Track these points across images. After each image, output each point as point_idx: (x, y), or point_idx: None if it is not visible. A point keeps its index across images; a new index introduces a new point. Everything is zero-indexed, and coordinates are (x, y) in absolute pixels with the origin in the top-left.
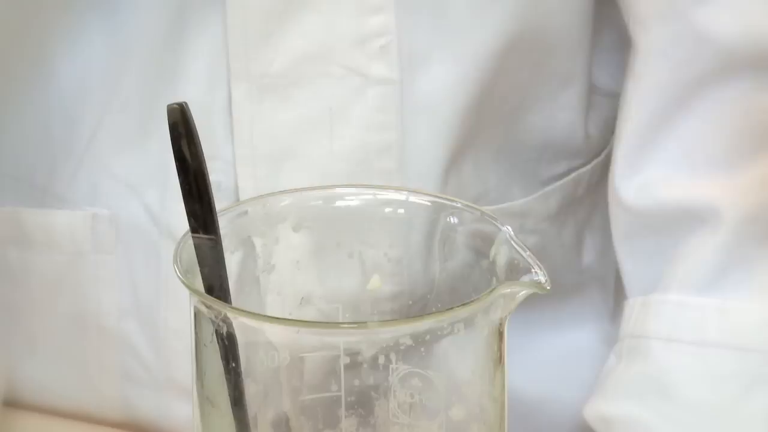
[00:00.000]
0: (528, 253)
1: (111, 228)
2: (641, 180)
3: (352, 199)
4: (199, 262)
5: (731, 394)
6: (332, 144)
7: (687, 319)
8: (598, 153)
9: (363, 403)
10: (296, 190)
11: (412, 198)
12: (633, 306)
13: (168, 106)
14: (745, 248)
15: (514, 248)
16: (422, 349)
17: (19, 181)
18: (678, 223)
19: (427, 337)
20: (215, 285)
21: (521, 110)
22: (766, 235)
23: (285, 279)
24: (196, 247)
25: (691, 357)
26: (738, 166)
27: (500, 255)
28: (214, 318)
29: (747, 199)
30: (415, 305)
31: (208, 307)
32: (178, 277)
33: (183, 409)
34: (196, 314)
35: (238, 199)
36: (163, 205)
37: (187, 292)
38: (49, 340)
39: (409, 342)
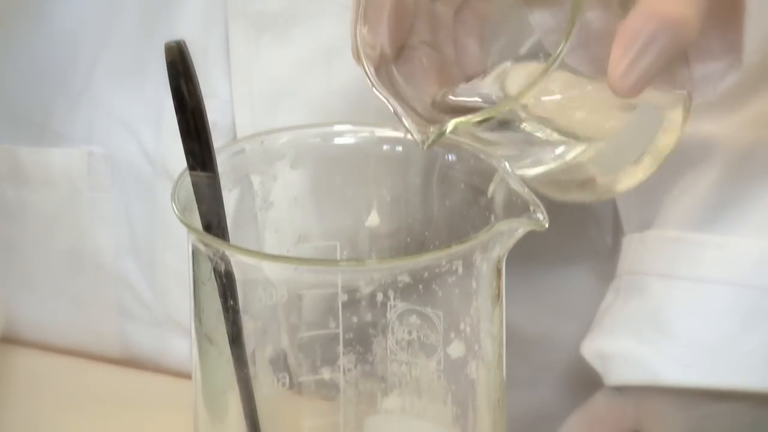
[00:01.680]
0: (526, 189)
1: (107, 166)
2: None
3: (350, 137)
4: (197, 200)
5: (728, 330)
6: (330, 82)
7: (684, 255)
8: None
9: (361, 340)
10: (294, 127)
11: (410, 136)
12: (630, 242)
13: (166, 44)
14: (742, 184)
15: (513, 185)
16: (420, 286)
17: (17, 119)
18: (675, 159)
19: (425, 274)
20: (213, 222)
21: None
22: (763, 172)
23: (283, 216)
24: (194, 185)
25: (688, 293)
26: (735, 103)
27: (498, 192)
28: (212, 256)
29: (744, 136)
30: (413, 243)
31: (206, 245)
32: (176, 214)
33: (181, 345)
34: (194, 252)
35: (234, 138)
36: (158, 144)
37: (184, 230)
38: (46, 277)
39: (407, 279)
